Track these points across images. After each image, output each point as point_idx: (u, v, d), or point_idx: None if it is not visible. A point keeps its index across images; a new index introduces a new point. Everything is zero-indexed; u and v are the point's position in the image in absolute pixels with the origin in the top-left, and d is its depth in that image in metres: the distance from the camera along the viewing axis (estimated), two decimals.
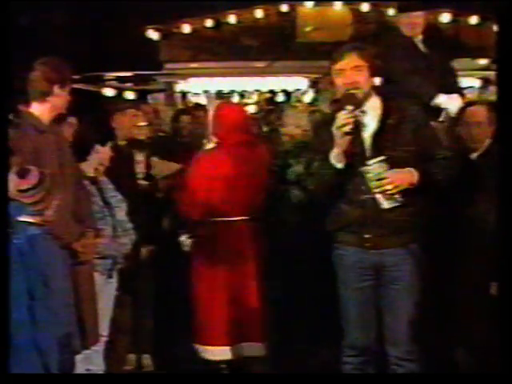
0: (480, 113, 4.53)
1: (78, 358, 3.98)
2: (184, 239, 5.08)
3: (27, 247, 3.52)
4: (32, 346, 3.48)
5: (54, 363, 3.56)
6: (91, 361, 4.30)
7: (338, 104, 3.72)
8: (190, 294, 4.88)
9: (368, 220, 3.68)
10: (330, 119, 3.72)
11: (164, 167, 5.24)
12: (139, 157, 5.30)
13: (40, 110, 3.95)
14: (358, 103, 3.61)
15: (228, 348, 4.78)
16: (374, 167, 3.56)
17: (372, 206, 3.65)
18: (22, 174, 3.52)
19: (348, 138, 3.55)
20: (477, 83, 9.69)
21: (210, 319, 4.79)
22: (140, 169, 5.28)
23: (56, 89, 3.94)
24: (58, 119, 4.09)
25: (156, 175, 5.17)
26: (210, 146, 4.97)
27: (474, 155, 4.49)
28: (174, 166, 5.29)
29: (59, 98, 3.98)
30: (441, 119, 4.94)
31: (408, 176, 3.61)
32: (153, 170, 5.16)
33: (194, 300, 4.87)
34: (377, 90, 3.80)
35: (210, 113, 5.04)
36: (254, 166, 4.82)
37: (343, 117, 3.55)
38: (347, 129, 3.53)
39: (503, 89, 3.33)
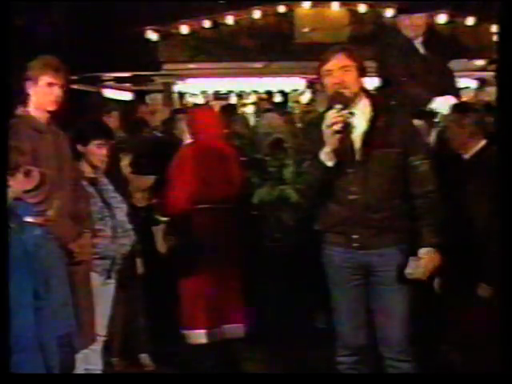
0: (458, 116, 4.54)
1: (77, 357, 3.98)
2: (167, 236, 5.25)
3: (33, 247, 3.52)
4: (36, 345, 3.47)
5: (56, 363, 3.56)
6: (89, 360, 4.30)
7: (328, 103, 3.72)
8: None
9: (356, 220, 3.68)
10: (319, 119, 3.73)
11: (140, 182, 5.36)
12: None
13: (37, 110, 3.95)
14: (347, 102, 3.62)
15: (208, 331, 4.96)
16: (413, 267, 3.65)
17: (360, 206, 3.66)
18: (24, 175, 3.52)
19: (338, 136, 3.55)
20: (473, 84, 9.73)
21: (192, 304, 4.98)
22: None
23: (53, 89, 3.93)
24: (55, 119, 4.08)
25: (133, 190, 5.25)
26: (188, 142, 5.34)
27: (467, 156, 4.50)
28: (149, 180, 5.42)
29: (56, 98, 3.97)
30: (436, 120, 4.94)
31: (436, 260, 3.66)
32: (130, 186, 5.23)
33: (179, 287, 5.05)
34: (366, 91, 3.81)
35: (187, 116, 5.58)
36: (225, 159, 5.18)
37: (332, 115, 3.55)
38: (337, 127, 3.53)
39: (503, 89, 3.34)
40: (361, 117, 3.69)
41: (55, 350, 3.56)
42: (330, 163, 3.60)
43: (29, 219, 3.54)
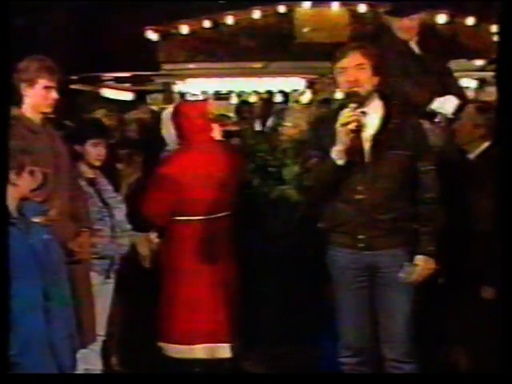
0: (476, 114, 4.53)
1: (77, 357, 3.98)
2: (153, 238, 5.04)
3: (41, 247, 3.53)
4: (46, 346, 3.49)
5: (67, 363, 3.57)
6: (89, 360, 4.30)
7: (342, 101, 3.72)
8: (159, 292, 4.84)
9: (362, 220, 3.68)
10: (327, 117, 3.73)
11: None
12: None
13: (32, 111, 3.94)
14: (361, 101, 3.62)
15: (198, 347, 4.72)
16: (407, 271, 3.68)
17: (367, 206, 3.66)
18: (28, 175, 3.53)
19: (352, 135, 3.55)
20: (473, 84, 9.71)
21: (176, 317, 4.71)
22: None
23: (50, 92, 3.93)
24: (50, 120, 4.08)
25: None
26: (173, 147, 4.91)
27: (472, 156, 4.50)
28: (133, 176, 5.30)
29: (53, 101, 3.96)
30: (437, 120, 4.93)
31: (431, 267, 3.69)
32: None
33: (162, 297, 4.80)
34: (380, 92, 3.80)
35: (168, 114, 4.94)
36: (223, 163, 4.79)
37: (347, 114, 3.54)
38: (353, 126, 3.52)
39: (503, 89, 3.33)
40: (373, 117, 3.69)
41: (65, 349, 3.58)
42: (340, 162, 3.59)
43: (35, 219, 3.55)
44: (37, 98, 3.93)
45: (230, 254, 4.79)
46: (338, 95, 3.84)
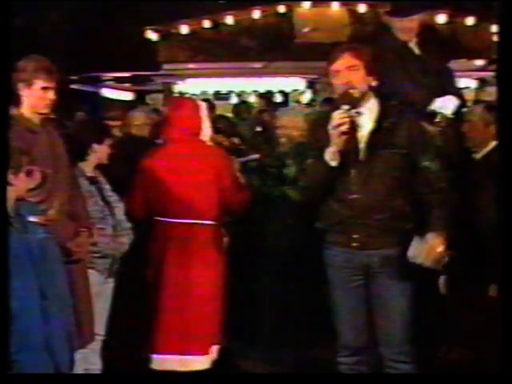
0: (485, 113, 4.53)
1: (76, 357, 3.98)
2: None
3: (37, 247, 3.54)
4: (43, 345, 3.49)
5: (64, 362, 3.57)
6: (89, 360, 4.30)
7: (335, 103, 3.72)
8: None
9: (357, 220, 3.68)
10: (324, 118, 3.73)
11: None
12: None
13: (31, 112, 3.94)
14: (354, 102, 3.62)
15: (175, 357, 4.62)
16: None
17: (361, 206, 3.66)
18: (26, 175, 3.53)
19: (344, 137, 3.56)
20: (473, 84, 9.74)
21: (157, 326, 4.61)
22: None
23: (47, 92, 3.93)
24: (49, 119, 4.08)
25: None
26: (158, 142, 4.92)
27: (479, 155, 4.49)
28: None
29: (50, 102, 3.96)
30: (437, 120, 4.92)
31: (440, 248, 3.57)
32: None
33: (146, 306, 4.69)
34: (375, 90, 3.80)
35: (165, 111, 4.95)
36: (199, 164, 4.64)
37: (339, 116, 3.55)
38: (343, 128, 3.53)
39: (503, 89, 3.33)
40: (368, 116, 3.69)
41: (64, 349, 3.58)
42: (334, 163, 3.60)
43: (32, 219, 3.56)
44: (34, 98, 3.92)
45: (209, 263, 4.64)
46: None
